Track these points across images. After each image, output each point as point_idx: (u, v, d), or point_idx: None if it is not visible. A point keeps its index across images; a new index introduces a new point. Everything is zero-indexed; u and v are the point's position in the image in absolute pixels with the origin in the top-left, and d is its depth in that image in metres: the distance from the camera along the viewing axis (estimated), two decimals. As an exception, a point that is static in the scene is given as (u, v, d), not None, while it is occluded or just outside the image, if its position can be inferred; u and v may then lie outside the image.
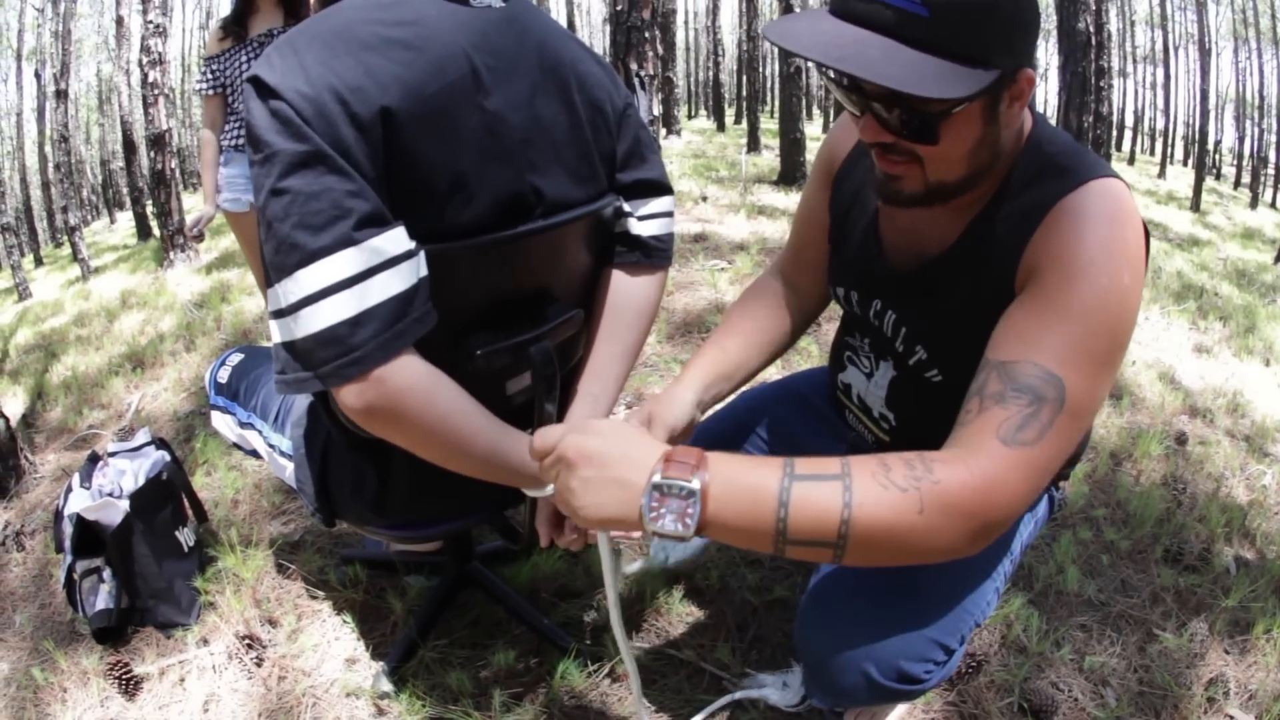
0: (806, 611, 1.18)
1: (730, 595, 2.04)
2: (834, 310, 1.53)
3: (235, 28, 3.19)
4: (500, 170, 1.19)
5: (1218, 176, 30.38)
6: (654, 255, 1.48)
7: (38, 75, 18.68)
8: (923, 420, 1.29)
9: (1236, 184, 29.03)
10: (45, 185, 22.97)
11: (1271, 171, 27.56)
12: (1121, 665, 1.89)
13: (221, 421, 1.81)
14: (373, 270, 1.03)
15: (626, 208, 1.44)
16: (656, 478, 0.89)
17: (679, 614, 1.98)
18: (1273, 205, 23.81)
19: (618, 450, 0.93)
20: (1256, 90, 29.16)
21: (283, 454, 1.58)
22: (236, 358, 1.86)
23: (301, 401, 1.51)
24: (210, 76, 3.22)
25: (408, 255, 1.06)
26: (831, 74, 1.01)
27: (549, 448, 0.97)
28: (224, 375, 1.83)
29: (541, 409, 1.36)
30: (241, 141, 3.34)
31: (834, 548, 0.89)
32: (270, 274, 1.04)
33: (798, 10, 8.49)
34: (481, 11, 1.20)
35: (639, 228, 1.45)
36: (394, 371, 1.05)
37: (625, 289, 1.47)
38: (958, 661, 1.20)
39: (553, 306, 1.33)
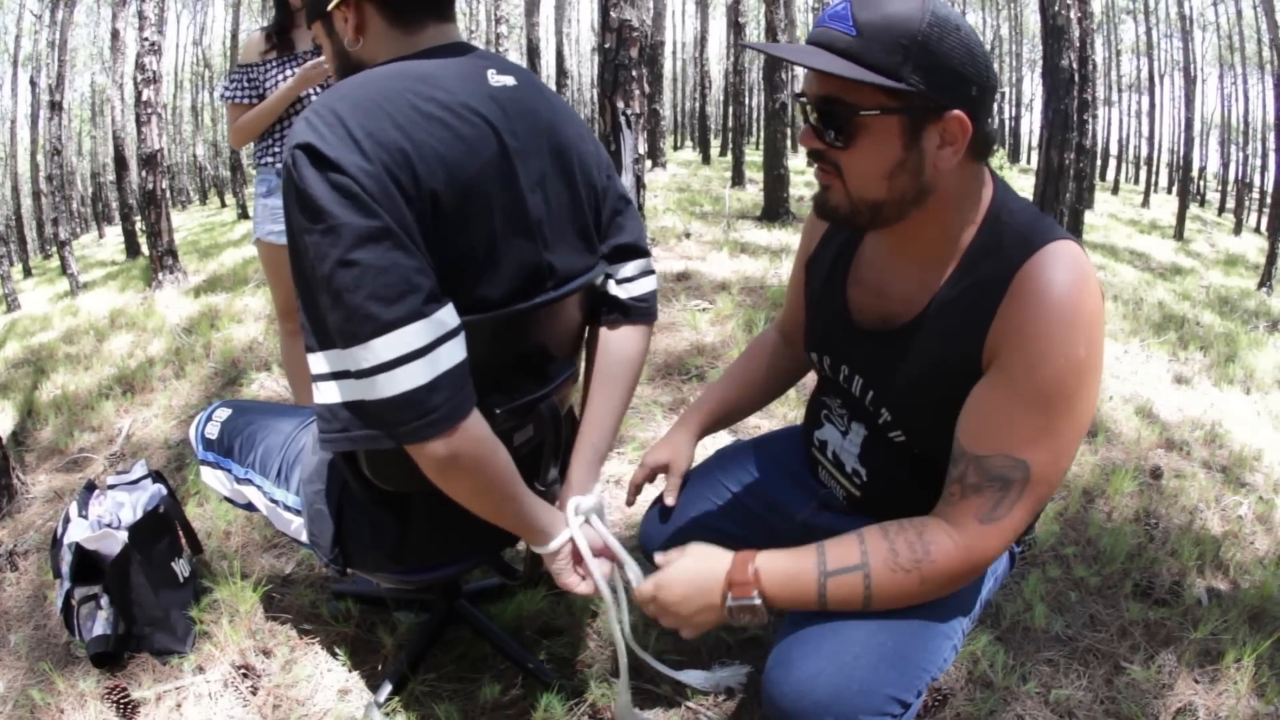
0: (774, 668, 1.26)
1: (706, 634, 2.08)
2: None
3: (279, 39, 2.95)
4: (521, 247, 1.29)
5: (1202, 203, 30.57)
6: (633, 314, 1.58)
7: (33, 83, 18.68)
8: (892, 478, 1.41)
9: (1221, 210, 29.22)
10: (36, 194, 22.87)
11: (1256, 196, 27.77)
12: (1088, 698, 1.94)
13: (213, 477, 1.84)
14: (439, 340, 1.12)
15: (608, 270, 1.54)
16: (730, 602, 1.24)
17: (655, 650, 2.01)
18: (1257, 230, 23.97)
19: (695, 590, 1.27)
20: (1241, 115, 29.41)
21: (288, 508, 1.63)
22: (224, 413, 1.88)
23: (311, 459, 1.56)
24: (246, 85, 2.96)
25: (461, 328, 1.17)
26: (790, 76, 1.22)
27: (649, 598, 1.31)
28: (212, 431, 1.85)
29: (547, 460, 1.50)
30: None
31: (862, 608, 1.22)
32: (338, 339, 1.11)
33: (782, 40, 8.59)
34: (500, 90, 1.27)
35: (617, 290, 1.55)
36: (467, 429, 1.17)
37: (612, 346, 1.57)
38: (913, 715, 1.28)
39: (554, 366, 1.46)
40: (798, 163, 19.64)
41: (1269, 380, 4.59)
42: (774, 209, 8.69)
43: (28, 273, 18.72)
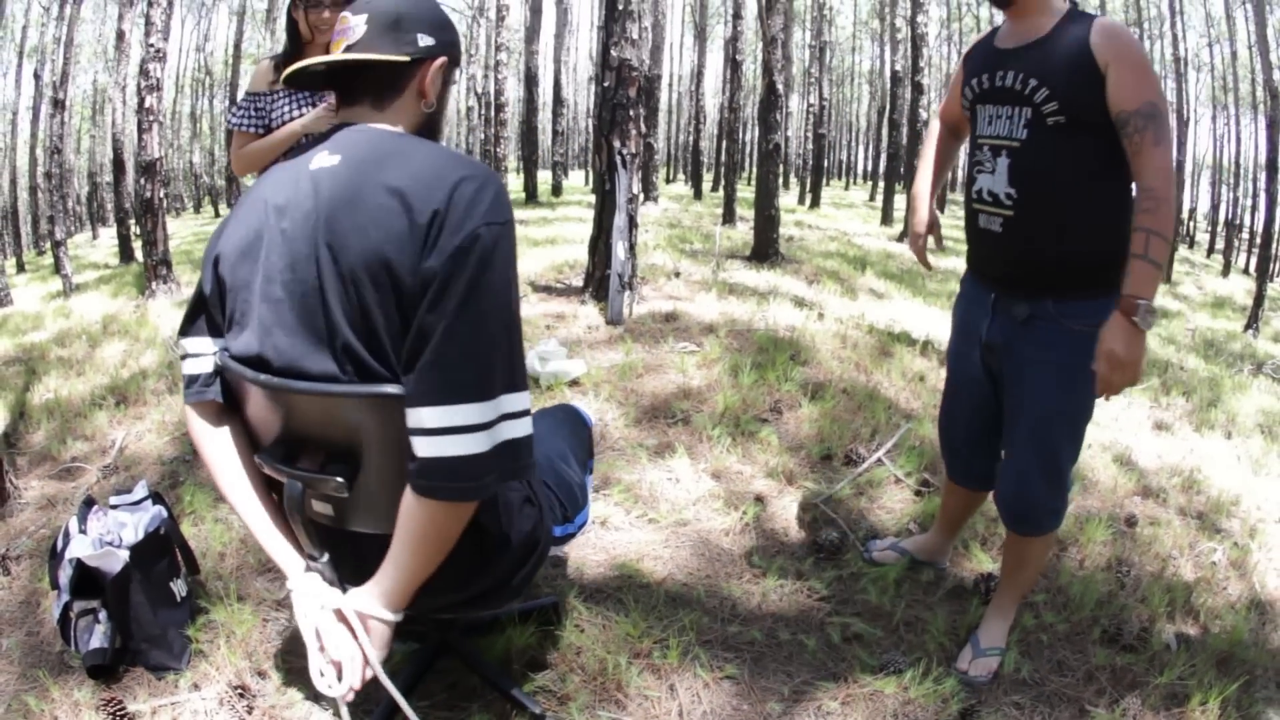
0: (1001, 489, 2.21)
1: (683, 671, 2.13)
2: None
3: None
4: (259, 320, 1.41)
5: (1191, 245, 30.64)
6: (415, 477, 1.31)
7: (37, 76, 18.66)
8: (1035, 189, 2.01)
9: (1210, 251, 29.29)
10: (33, 189, 22.81)
11: (1245, 236, 27.85)
12: (1053, 741, 1.97)
13: None
14: (190, 356, 1.51)
15: (410, 412, 1.31)
16: (1136, 318, 1.83)
17: (636, 688, 2.07)
18: (1245, 272, 24.07)
19: (1116, 344, 1.86)
20: (1233, 156, 29.32)
21: None
22: None
23: None
24: (255, 115, 2.90)
25: (193, 355, 1.50)
26: None
27: (1106, 382, 1.91)
28: None
29: (306, 535, 1.48)
30: None
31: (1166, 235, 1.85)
32: None
33: (780, 86, 8.63)
34: (312, 173, 1.40)
35: (414, 441, 1.30)
36: (189, 411, 1.53)
37: (406, 505, 1.35)
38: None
39: (300, 457, 1.46)
40: (789, 201, 19.61)
41: (1250, 424, 4.60)
42: (764, 249, 8.57)
43: (21, 268, 18.66)
